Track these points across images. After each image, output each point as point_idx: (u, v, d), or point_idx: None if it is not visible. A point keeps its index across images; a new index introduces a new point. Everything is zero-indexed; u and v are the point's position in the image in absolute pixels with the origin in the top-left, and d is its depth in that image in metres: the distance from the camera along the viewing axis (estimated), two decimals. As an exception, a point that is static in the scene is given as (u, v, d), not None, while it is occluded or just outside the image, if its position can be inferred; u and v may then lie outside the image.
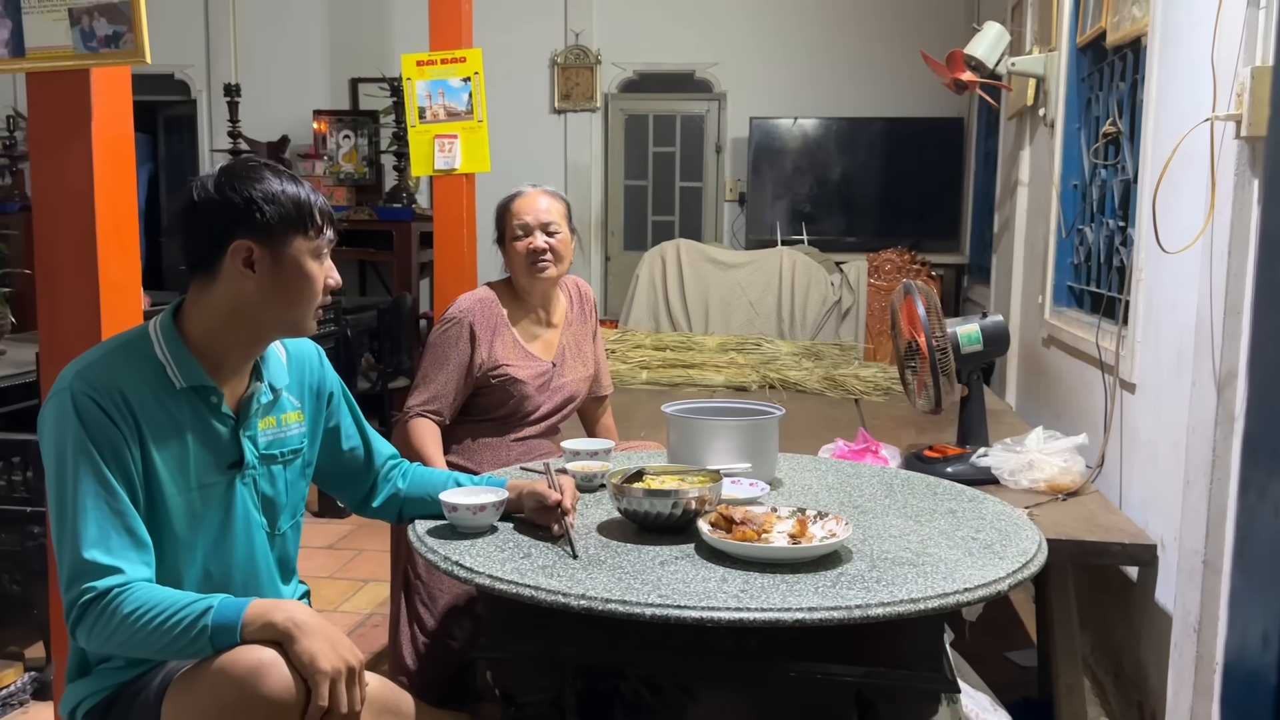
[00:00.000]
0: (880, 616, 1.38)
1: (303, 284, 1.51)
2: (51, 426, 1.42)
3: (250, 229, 1.47)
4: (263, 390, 1.58)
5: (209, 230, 1.48)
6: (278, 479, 1.61)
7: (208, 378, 1.50)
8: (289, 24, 7.11)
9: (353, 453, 1.78)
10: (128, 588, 1.37)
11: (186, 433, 1.48)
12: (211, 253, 1.48)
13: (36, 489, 2.55)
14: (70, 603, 1.38)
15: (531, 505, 1.72)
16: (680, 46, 6.88)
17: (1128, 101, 2.95)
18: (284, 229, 1.48)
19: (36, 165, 2.06)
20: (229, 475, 1.54)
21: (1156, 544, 2.23)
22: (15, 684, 2.63)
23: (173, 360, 1.48)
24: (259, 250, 1.48)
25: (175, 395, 1.48)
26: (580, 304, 2.62)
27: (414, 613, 2.31)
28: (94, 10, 1.99)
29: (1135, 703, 2.45)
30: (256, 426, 1.57)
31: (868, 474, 2.15)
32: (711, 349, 4.56)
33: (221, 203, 1.47)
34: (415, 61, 3.60)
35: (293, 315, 1.53)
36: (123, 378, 1.44)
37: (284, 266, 1.49)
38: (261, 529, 1.60)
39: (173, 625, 1.34)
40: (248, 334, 1.53)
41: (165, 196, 7.90)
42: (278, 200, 1.48)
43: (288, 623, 1.35)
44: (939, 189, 6.49)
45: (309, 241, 1.51)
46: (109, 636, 1.37)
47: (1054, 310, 3.56)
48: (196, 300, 1.52)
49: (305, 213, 1.50)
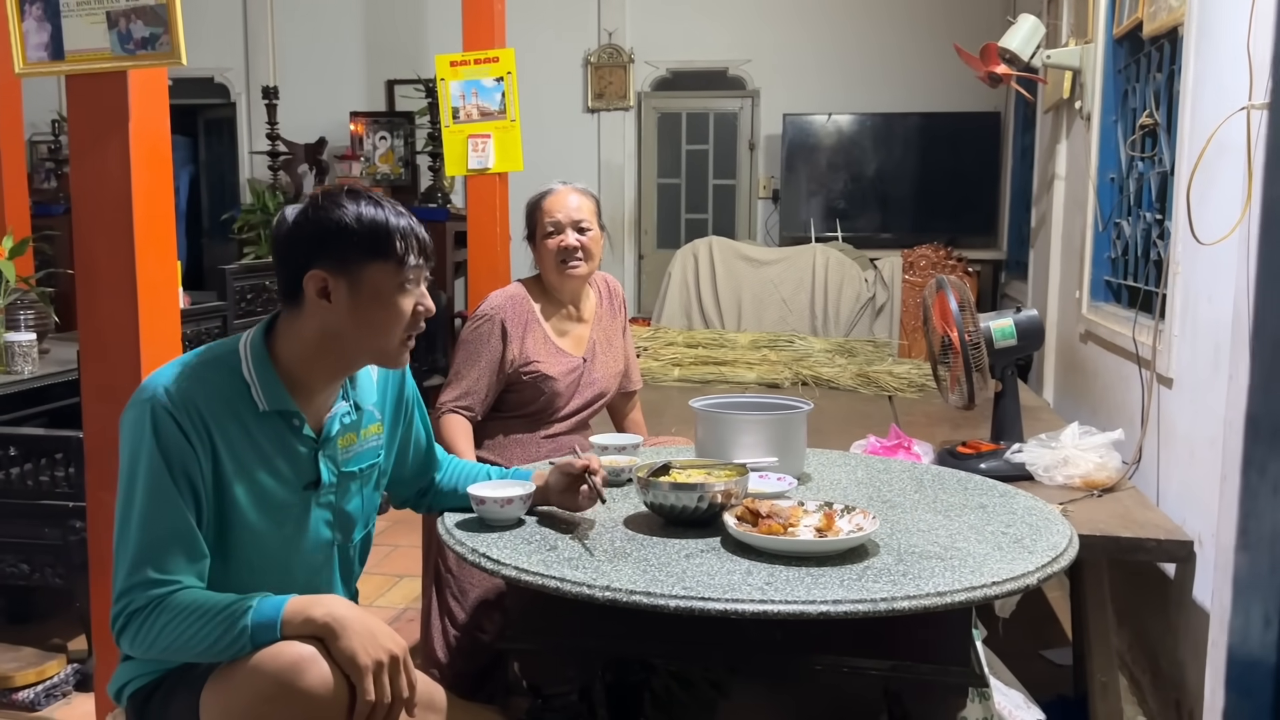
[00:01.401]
0: (906, 610, 1.37)
1: (385, 313, 1.47)
2: (129, 433, 1.42)
3: (324, 259, 1.44)
4: (346, 410, 1.57)
5: (287, 260, 1.47)
6: (354, 494, 1.61)
7: (291, 401, 1.49)
8: (326, 27, 7.19)
9: (418, 457, 1.79)
10: (172, 595, 1.38)
11: (265, 455, 1.48)
12: (292, 283, 1.46)
13: (78, 484, 2.60)
14: (118, 612, 1.39)
15: (557, 482, 1.72)
16: (713, 44, 6.87)
17: (1165, 93, 2.90)
18: (359, 257, 1.44)
19: (76, 166, 2.11)
20: (305, 496, 1.53)
21: (1193, 540, 2.20)
22: (59, 676, 2.69)
23: (259, 382, 1.47)
24: (334, 280, 1.44)
25: (258, 416, 1.47)
26: (610, 300, 2.63)
27: (445, 606, 2.33)
28: (131, 13, 2.03)
29: (1173, 701, 2.41)
30: (337, 446, 1.56)
31: (898, 469, 2.14)
32: (744, 346, 4.55)
33: (297, 233, 1.46)
34: (449, 62, 3.63)
35: (378, 344, 1.49)
36: (205, 396, 1.42)
37: (362, 295, 1.45)
38: (334, 545, 1.60)
39: (214, 626, 1.35)
40: (336, 361, 1.51)
41: (206, 198, 8.02)
42: (351, 228, 1.44)
43: (327, 618, 1.35)
44: (975, 184, 6.42)
45: (390, 270, 1.46)
46: (152, 642, 1.38)
47: (1091, 305, 3.51)
48: (286, 327, 1.50)
49: (382, 239, 1.45)
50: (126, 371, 2.09)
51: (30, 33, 2.08)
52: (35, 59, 2.08)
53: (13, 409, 3.09)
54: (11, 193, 4.21)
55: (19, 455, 2.71)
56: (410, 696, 1.38)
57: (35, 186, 6.74)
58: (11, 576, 2.70)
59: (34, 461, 2.70)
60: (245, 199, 7.17)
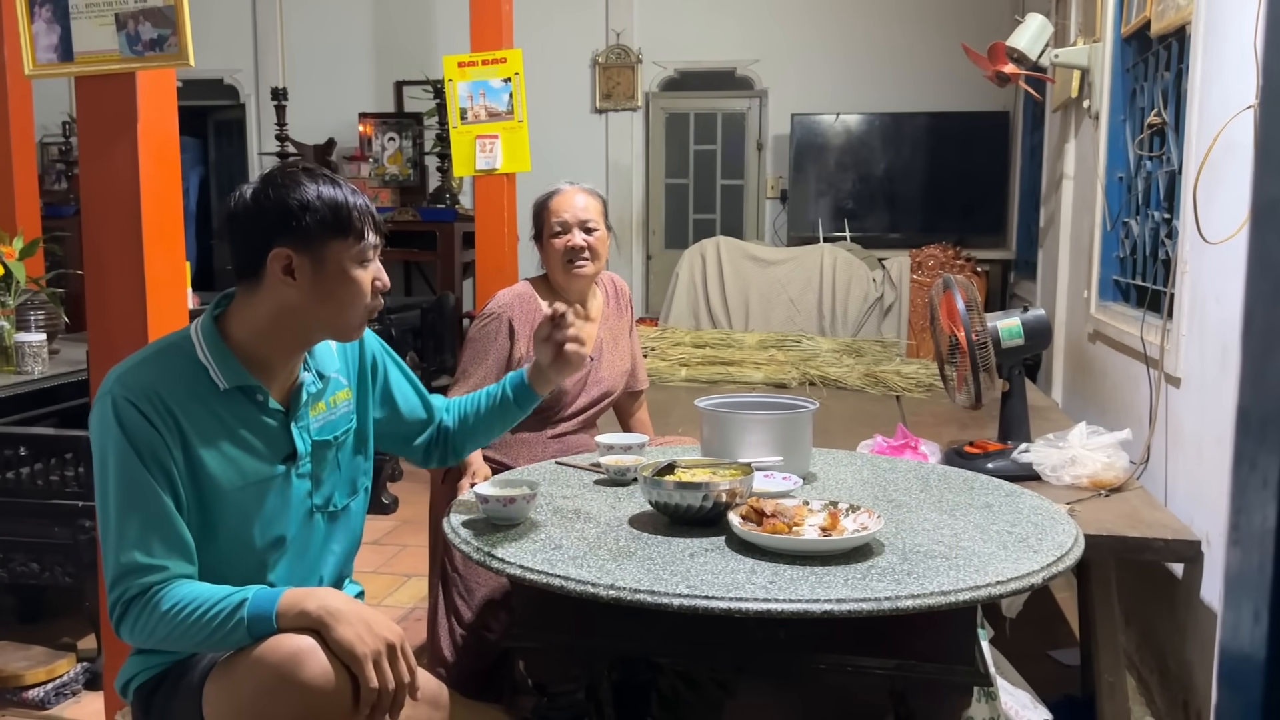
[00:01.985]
0: (910, 608, 1.37)
1: (346, 289, 1.49)
2: (96, 430, 1.44)
3: (287, 236, 1.45)
4: (310, 380, 1.58)
5: (248, 239, 1.47)
6: (332, 462, 1.62)
7: (250, 377, 1.50)
8: (334, 29, 7.21)
9: (412, 409, 1.78)
10: (167, 584, 1.39)
11: (234, 431, 1.48)
12: (253, 261, 1.47)
13: (87, 484, 2.62)
14: (114, 601, 1.41)
15: (541, 335, 1.73)
16: (721, 44, 6.88)
17: (1173, 92, 2.90)
18: (321, 235, 1.46)
19: (85, 166, 2.12)
20: (285, 468, 1.54)
21: (1201, 540, 2.19)
22: (68, 674, 2.70)
23: (215, 362, 1.47)
24: (298, 258, 1.46)
25: (220, 396, 1.48)
26: (616, 299, 2.63)
27: (451, 605, 2.34)
28: (139, 15, 2.04)
29: (1180, 701, 2.41)
30: (308, 416, 1.57)
31: (904, 469, 2.14)
32: (751, 346, 4.55)
33: (257, 211, 1.47)
34: (456, 63, 3.64)
35: (339, 321, 1.52)
36: (163, 381, 1.43)
37: (325, 272, 1.47)
38: (321, 513, 1.60)
39: (210, 619, 1.37)
40: (294, 337, 1.52)
41: (216, 199, 8.05)
42: (313, 206, 1.45)
43: (320, 611, 1.36)
44: (984, 184, 6.41)
45: (349, 246, 1.48)
46: (151, 632, 1.40)
47: (1099, 305, 3.51)
48: (242, 304, 1.51)
49: (343, 217, 1.47)
50: (135, 371, 2.11)
51: (40, 34, 2.10)
52: (45, 60, 2.09)
53: (23, 409, 3.10)
54: (23, 194, 4.23)
55: (29, 455, 2.73)
56: (411, 681, 1.39)
57: (46, 188, 6.78)
58: (21, 576, 2.72)
59: (44, 461, 2.71)
60: (255, 200, 7.19)
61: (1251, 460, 0.43)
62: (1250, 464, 0.43)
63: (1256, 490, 0.43)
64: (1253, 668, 0.43)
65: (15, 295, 3.20)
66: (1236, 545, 0.46)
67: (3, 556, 2.72)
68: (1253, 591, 0.43)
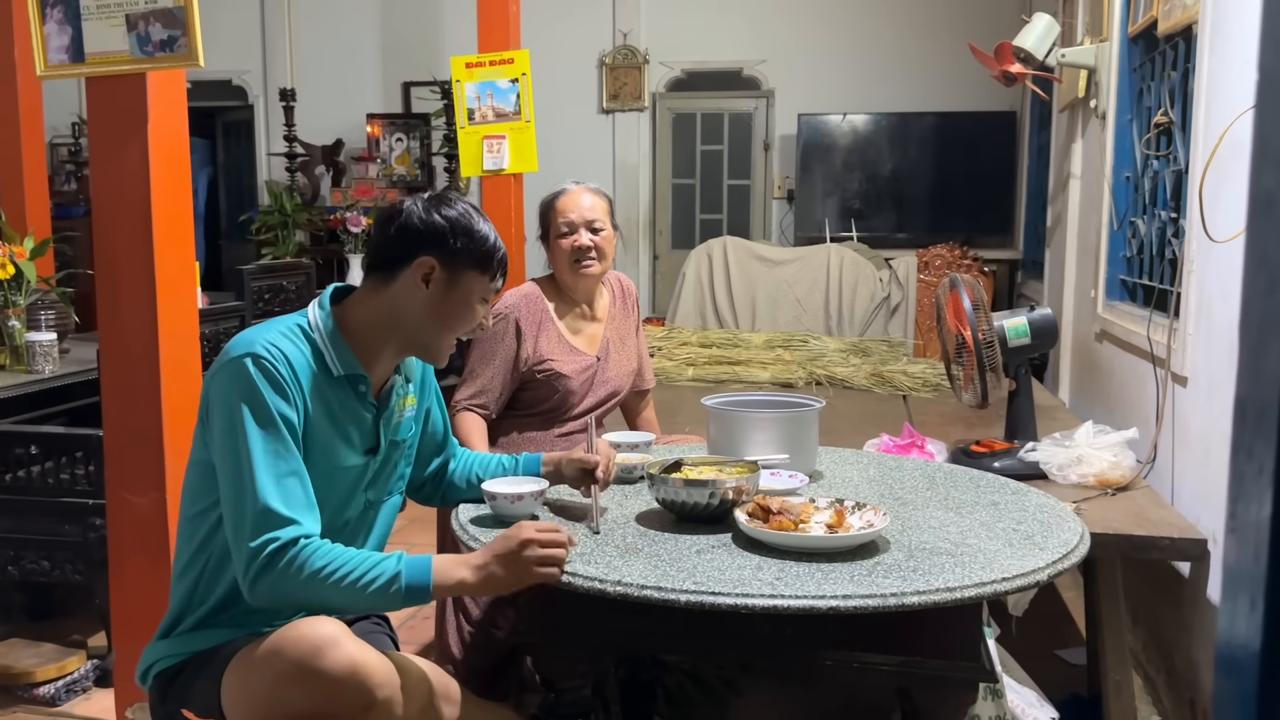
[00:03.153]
0: (916, 605, 1.37)
1: (463, 315, 1.62)
2: (231, 388, 1.47)
3: (441, 250, 1.58)
4: (400, 383, 1.68)
5: (405, 238, 1.59)
6: (396, 462, 1.71)
7: (361, 367, 1.59)
8: (342, 30, 7.24)
9: (433, 438, 1.86)
10: (311, 542, 1.43)
11: (338, 417, 1.57)
12: (398, 258, 1.58)
13: (98, 482, 2.63)
14: (256, 551, 1.41)
15: (573, 473, 1.78)
16: (728, 44, 6.88)
17: (1179, 91, 2.90)
18: (468, 262, 1.60)
19: (95, 167, 2.13)
20: (365, 460, 1.62)
21: (1207, 539, 2.19)
22: (79, 671, 2.72)
23: (332, 348, 1.56)
24: (440, 271, 1.58)
25: (332, 381, 1.56)
26: (623, 298, 2.64)
27: (459, 603, 2.35)
28: (150, 16, 2.06)
29: (1187, 700, 2.41)
30: (393, 414, 1.67)
31: (910, 467, 2.14)
32: (758, 346, 4.56)
33: (429, 220, 1.59)
34: (464, 64, 3.65)
35: (438, 339, 1.62)
36: (294, 354, 1.52)
37: (455, 295, 1.60)
38: (374, 506, 1.69)
39: (366, 584, 1.41)
40: (398, 340, 1.62)
41: (224, 200, 8.08)
42: (473, 236, 1.60)
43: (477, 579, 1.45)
44: (991, 183, 6.41)
45: (483, 283, 1.62)
46: (296, 589, 1.42)
47: (1106, 304, 3.50)
48: (365, 297, 1.61)
49: (490, 257, 1.62)
50: (146, 371, 2.12)
51: (51, 35, 2.11)
52: (56, 61, 2.11)
53: (34, 408, 3.12)
54: (33, 195, 4.25)
55: (40, 453, 2.75)
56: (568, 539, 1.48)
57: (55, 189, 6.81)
58: (32, 573, 2.74)
59: (54, 459, 2.73)
60: (263, 200, 7.23)
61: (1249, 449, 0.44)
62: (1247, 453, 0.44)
63: (1254, 479, 0.44)
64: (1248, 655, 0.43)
65: (26, 295, 3.23)
66: (1234, 533, 0.46)
67: (14, 554, 2.73)
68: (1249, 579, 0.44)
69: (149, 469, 2.13)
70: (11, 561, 2.74)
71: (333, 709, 1.36)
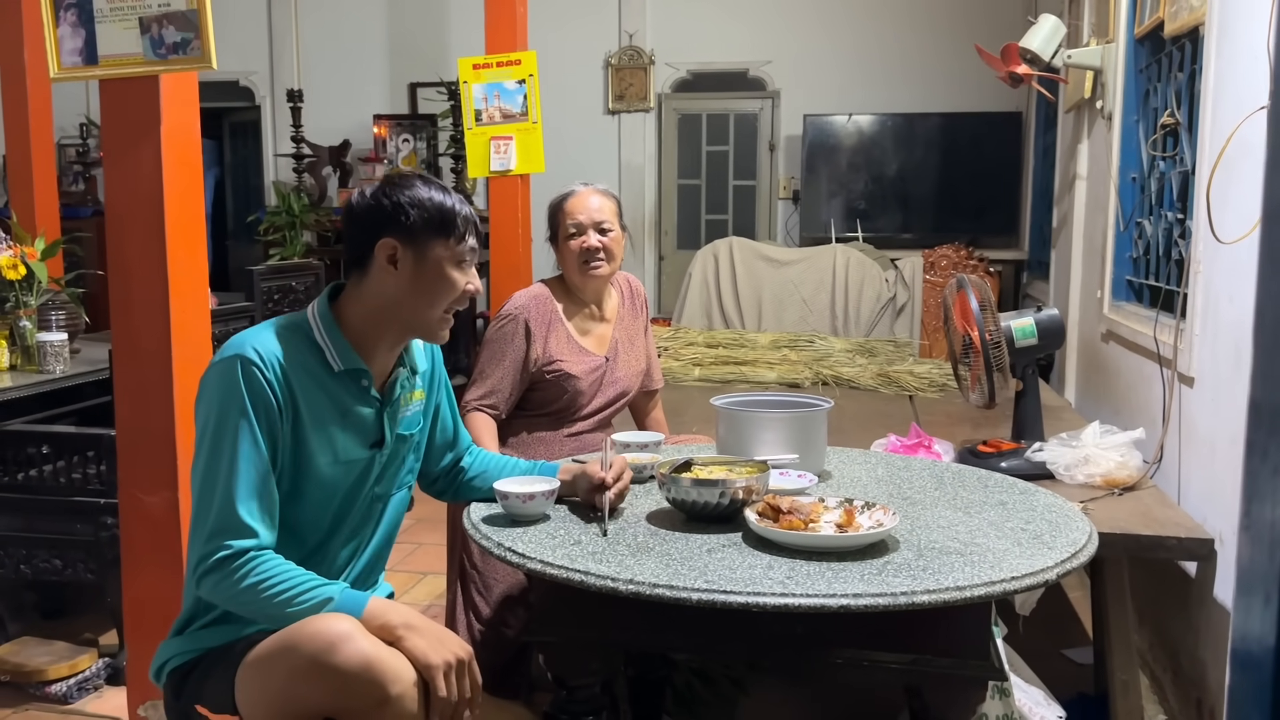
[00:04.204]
0: (925, 604, 1.38)
1: (441, 285, 1.62)
2: (214, 387, 1.52)
3: (396, 230, 1.59)
4: (405, 375, 1.70)
5: (362, 230, 1.61)
6: (403, 456, 1.73)
7: (361, 361, 1.61)
8: (349, 31, 7.25)
9: (444, 432, 1.88)
10: (263, 555, 1.47)
11: (339, 412, 1.59)
12: (363, 250, 1.60)
13: (109, 481, 2.65)
14: (206, 554, 1.47)
15: (584, 486, 1.78)
16: (733, 45, 6.89)
17: (1186, 92, 2.90)
18: (426, 232, 1.60)
19: (109, 169, 2.15)
20: (371, 454, 1.64)
21: (1214, 539, 2.20)
22: (90, 669, 2.73)
23: (331, 344, 1.59)
24: (402, 250, 1.59)
25: (332, 377, 1.59)
26: (631, 299, 2.65)
27: (470, 601, 2.36)
28: (163, 19, 2.07)
29: (1194, 700, 2.42)
30: (398, 407, 1.69)
31: (918, 467, 2.15)
32: (764, 346, 4.57)
33: (374, 206, 1.61)
34: (471, 65, 3.67)
35: (429, 315, 1.63)
36: (288, 355, 1.55)
37: (425, 267, 1.60)
38: (381, 500, 1.71)
39: (296, 607, 1.44)
40: (393, 328, 1.64)
41: (231, 200, 8.10)
42: (423, 206, 1.60)
43: (402, 623, 1.45)
44: (997, 184, 6.40)
45: (450, 247, 1.62)
46: (233, 596, 1.47)
47: (1113, 305, 3.51)
48: (352, 293, 1.64)
49: (448, 219, 1.61)
50: (158, 371, 2.14)
51: (65, 38, 2.13)
52: (70, 64, 2.12)
53: (45, 407, 3.14)
54: (42, 196, 4.28)
55: (51, 453, 2.77)
56: (474, 696, 1.46)
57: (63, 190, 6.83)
58: (44, 572, 2.76)
59: (66, 459, 2.75)
60: (270, 201, 7.24)
61: (1263, 450, 0.45)
62: (1261, 454, 0.45)
63: (1267, 479, 0.45)
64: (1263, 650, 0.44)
65: (37, 295, 3.24)
66: (1247, 531, 0.47)
67: (26, 553, 2.75)
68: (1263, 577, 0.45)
69: (161, 468, 2.15)
70: (24, 560, 2.76)
71: (347, 705, 1.37)
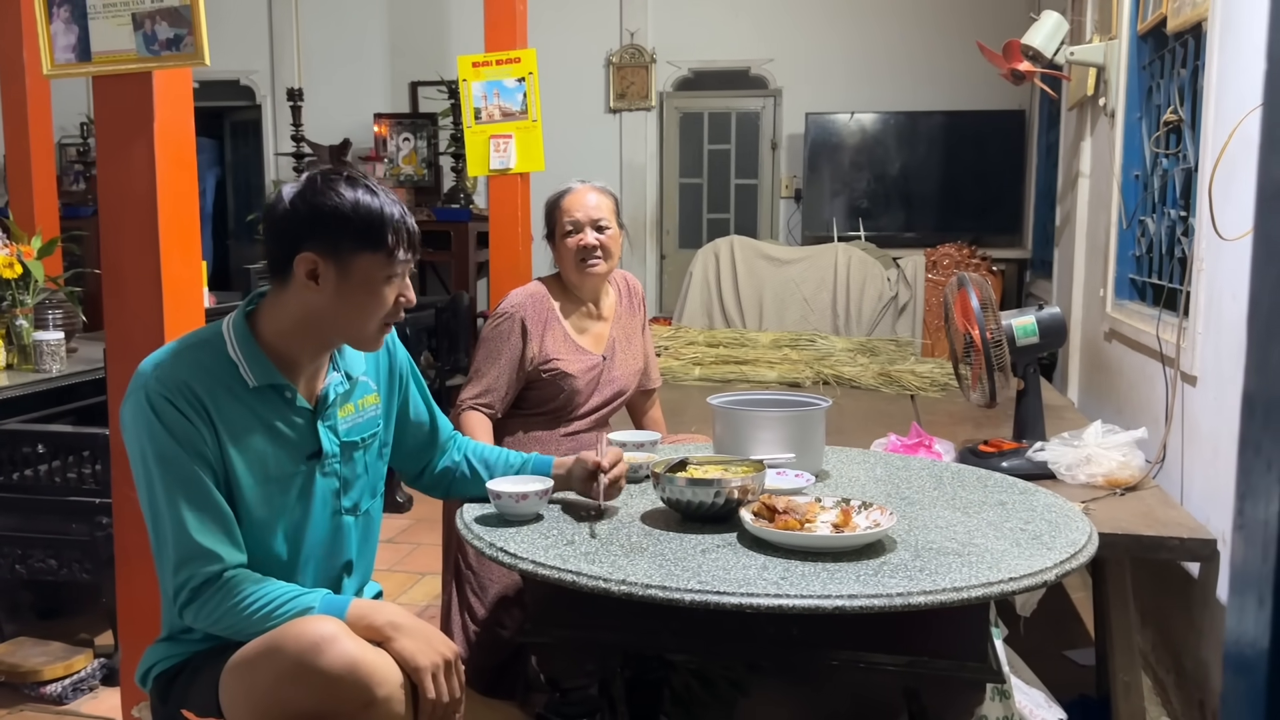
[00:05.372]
0: (922, 605, 1.37)
1: (368, 300, 1.49)
2: (131, 425, 1.46)
3: (316, 242, 1.46)
4: (338, 381, 1.60)
5: (280, 239, 1.48)
6: (358, 463, 1.64)
7: (279, 375, 1.52)
8: (350, 29, 7.24)
9: (419, 427, 1.80)
10: (234, 575, 1.44)
11: (262, 427, 1.51)
12: (282, 262, 1.48)
13: (105, 481, 2.64)
14: (180, 586, 1.44)
15: (579, 475, 1.76)
16: (735, 43, 6.87)
17: (1189, 89, 2.88)
18: (351, 245, 1.46)
19: (102, 165, 2.14)
20: (309, 466, 1.56)
21: (1217, 539, 2.18)
22: (85, 670, 2.72)
23: (245, 359, 1.50)
24: (324, 264, 1.46)
25: (250, 392, 1.50)
26: (629, 297, 2.64)
27: (465, 602, 2.35)
28: (156, 15, 2.06)
29: (1197, 702, 2.39)
30: (336, 416, 1.59)
31: (917, 467, 2.13)
32: (765, 345, 4.55)
33: (291, 213, 1.47)
34: (471, 63, 3.65)
35: (356, 330, 1.52)
36: (195, 376, 1.46)
37: (350, 282, 1.47)
38: (344, 513, 1.63)
39: (279, 618, 1.41)
40: (315, 340, 1.54)
41: (233, 200, 8.09)
42: (347, 215, 1.45)
43: (387, 624, 1.43)
44: (1000, 182, 6.38)
45: (378, 260, 1.48)
46: (217, 619, 1.44)
47: (1115, 303, 3.49)
48: (271, 304, 1.53)
49: (376, 230, 1.46)
50: (151, 369, 2.12)
51: (58, 35, 2.12)
52: (63, 60, 2.11)
53: (41, 406, 3.13)
54: (41, 194, 4.27)
55: (47, 452, 2.76)
56: (460, 697, 1.44)
57: (65, 189, 6.84)
58: (40, 572, 2.74)
59: (62, 458, 2.74)
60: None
61: (1256, 445, 0.43)
62: (1255, 449, 0.43)
63: (1261, 475, 0.43)
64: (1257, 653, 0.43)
65: (34, 294, 3.23)
66: (1241, 530, 0.46)
67: (21, 553, 2.74)
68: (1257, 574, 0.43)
69: (155, 468, 2.13)
70: (19, 560, 2.75)
71: (332, 707, 1.35)
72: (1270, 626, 0.42)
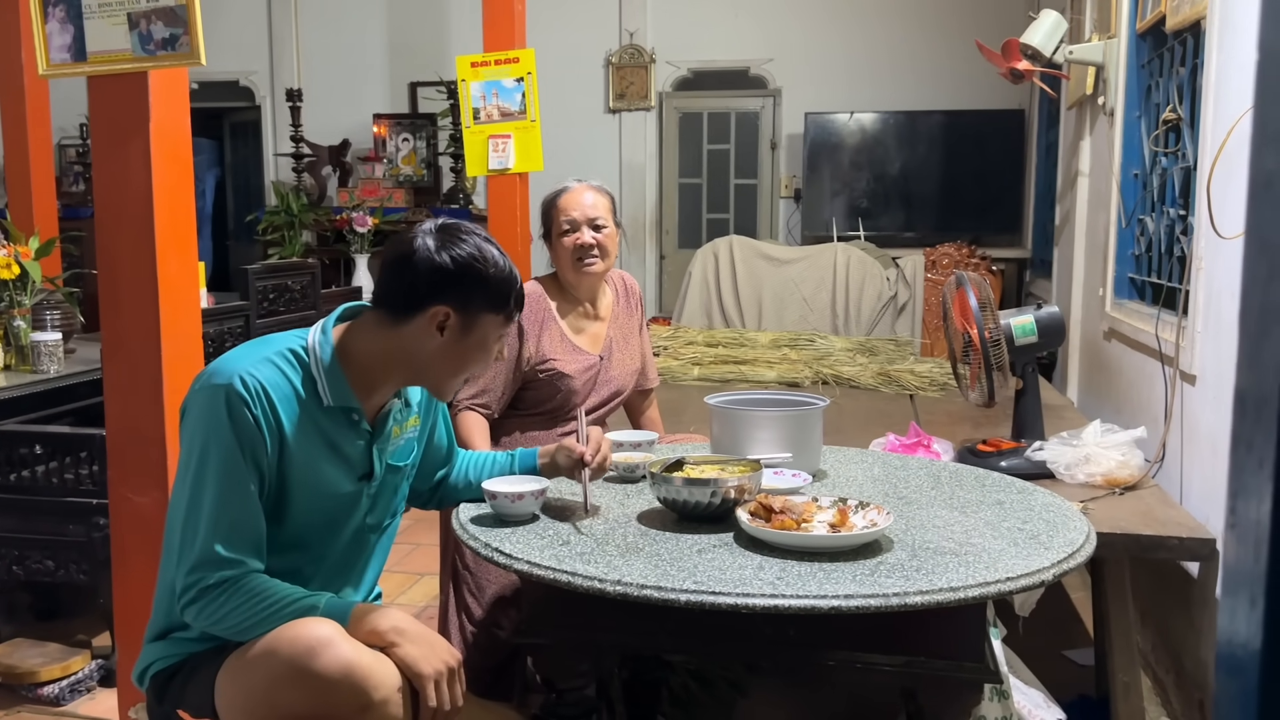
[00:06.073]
0: (919, 605, 1.36)
1: (478, 356, 1.57)
2: (198, 418, 1.46)
3: (453, 297, 1.51)
4: (399, 407, 1.64)
5: (417, 284, 1.51)
6: (393, 487, 1.68)
7: (354, 399, 1.54)
8: (349, 30, 7.24)
9: (439, 456, 1.84)
10: (243, 577, 1.44)
11: (326, 446, 1.53)
12: (411, 304, 1.52)
13: (102, 482, 2.63)
14: (188, 585, 1.44)
15: (564, 461, 1.77)
16: (734, 43, 6.87)
17: (1188, 87, 2.87)
18: (481, 304, 1.53)
19: (98, 165, 2.13)
20: (358, 487, 1.59)
21: (1216, 539, 2.17)
22: (83, 671, 2.72)
23: (325, 377, 1.52)
24: (455, 318, 1.52)
25: (322, 410, 1.52)
26: (626, 298, 2.63)
27: (462, 603, 2.34)
28: (151, 14, 2.06)
29: (1196, 701, 2.39)
30: (388, 440, 1.63)
31: (915, 466, 2.12)
32: (764, 345, 4.55)
33: (440, 264, 1.51)
34: (469, 63, 3.64)
35: (448, 380, 1.58)
36: (276, 385, 1.48)
37: (468, 339, 1.54)
38: (369, 530, 1.66)
39: (282, 620, 1.40)
40: (404, 376, 1.58)
41: (231, 200, 8.09)
42: (488, 277, 1.52)
43: (391, 629, 1.42)
44: (999, 182, 6.38)
45: (498, 321, 1.56)
46: (219, 619, 1.43)
47: (1115, 302, 3.48)
48: (372, 328, 1.55)
49: (507, 294, 1.55)
50: (147, 370, 2.12)
51: (53, 34, 2.11)
52: (58, 60, 2.11)
53: (39, 407, 3.12)
54: (39, 194, 4.26)
55: (45, 453, 2.75)
56: (461, 707, 1.44)
57: (64, 190, 6.83)
58: (37, 573, 2.74)
59: (59, 459, 2.73)
60: (270, 201, 7.24)
61: (1248, 442, 0.43)
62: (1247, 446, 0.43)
63: (1253, 473, 0.42)
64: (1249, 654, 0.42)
65: (31, 295, 3.23)
66: (1233, 529, 0.45)
67: (19, 554, 2.74)
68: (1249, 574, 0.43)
69: (151, 468, 2.13)
70: (16, 561, 2.74)
71: (328, 710, 1.35)
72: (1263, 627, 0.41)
